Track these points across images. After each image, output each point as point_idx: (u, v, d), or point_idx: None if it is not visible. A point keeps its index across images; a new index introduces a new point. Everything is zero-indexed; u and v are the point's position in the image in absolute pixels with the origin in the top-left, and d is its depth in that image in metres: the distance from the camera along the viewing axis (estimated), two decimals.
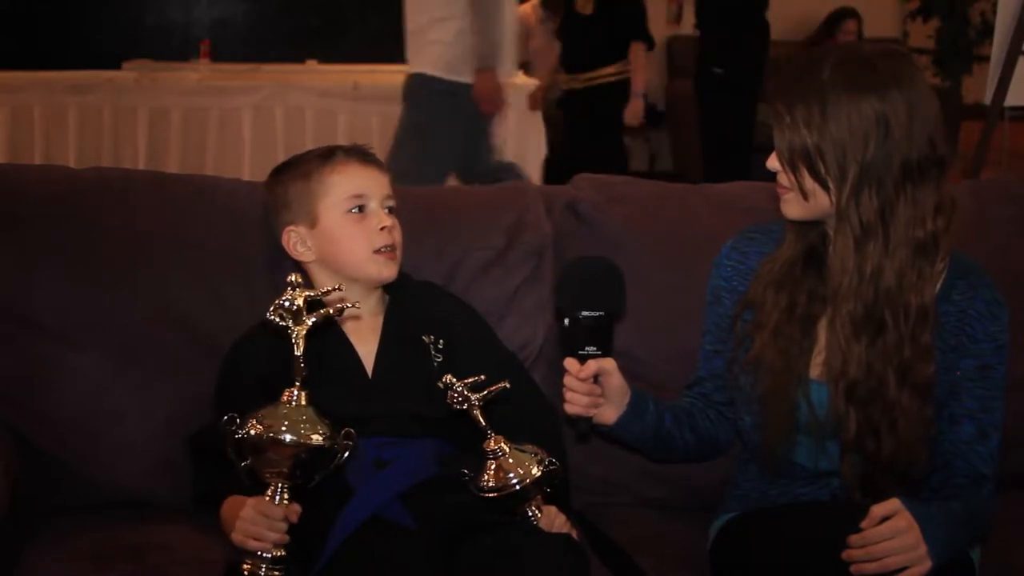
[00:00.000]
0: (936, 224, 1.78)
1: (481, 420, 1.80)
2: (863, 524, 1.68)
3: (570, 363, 1.85)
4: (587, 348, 1.84)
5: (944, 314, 1.84)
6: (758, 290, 1.91)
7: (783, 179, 1.83)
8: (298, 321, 1.67)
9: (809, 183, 1.79)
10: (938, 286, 1.84)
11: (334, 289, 1.73)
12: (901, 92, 1.75)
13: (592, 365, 1.84)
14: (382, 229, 1.99)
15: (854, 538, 1.68)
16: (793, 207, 1.84)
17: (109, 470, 2.04)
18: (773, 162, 1.83)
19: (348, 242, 1.99)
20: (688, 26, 6.00)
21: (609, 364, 1.86)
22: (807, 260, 1.88)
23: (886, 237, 1.77)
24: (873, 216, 1.77)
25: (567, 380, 1.86)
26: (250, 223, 2.14)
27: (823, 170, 1.77)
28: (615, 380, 1.88)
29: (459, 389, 1.79)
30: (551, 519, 1.82)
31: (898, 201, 1.76)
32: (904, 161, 1.75)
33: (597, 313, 1.84)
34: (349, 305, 1.70)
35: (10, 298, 2.06)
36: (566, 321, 1.86)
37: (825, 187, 1.78)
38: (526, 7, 7.04)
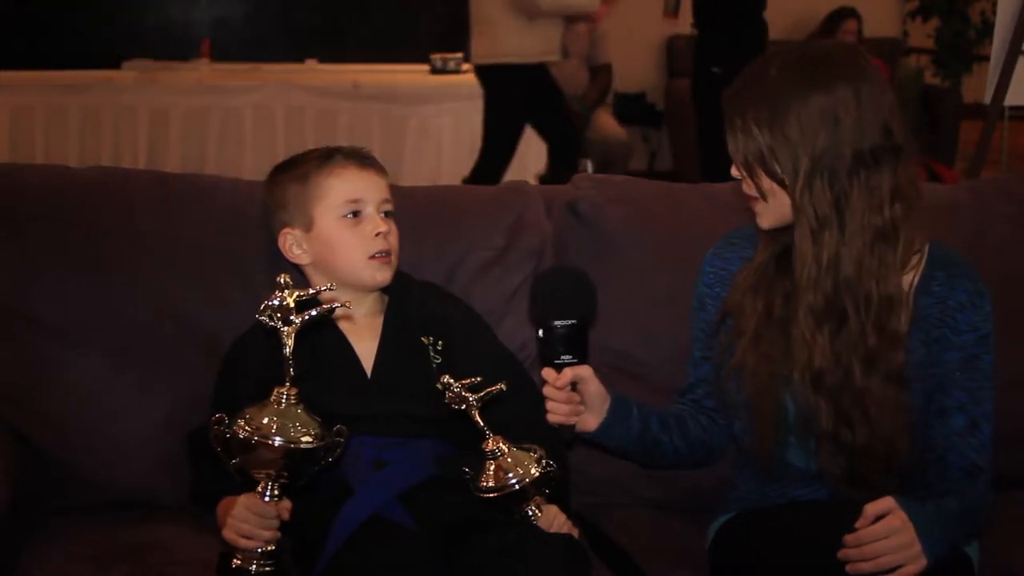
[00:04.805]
0: (894, 210, 1.78)
1: (479, 421, 1.80)
2: (857, 524, 1.68)
3: (547, 373, 1.86)
4: (563, 357, 1.86)
5: (924, 306, 1.84)
6: (735, 297, 1.92)
7: (746, 187, 1.84)
8: (287, 321, 1.66)
9: (767, 183, 1.80)
10: (916, 278, 1.84)
11: (325, 289, 1.71)
12: (849, 85, 1.76)
13: (568, 373, 1.85)
14: (377, 235, 1.99)
15: (849, 538, 1.68)
16: (765, 217, 1.85)
17: (109, 470, 2.04)
18: (735, 171, 1.84)
19: (343, 247, 1.99)
20: (687, 25, 5.95)
21: (585, 371, 1.87)
22: (780, 263, 1.89)
23: (841, 226, 1.78)
24: (827, 207, 1.77)
25: (546, 390, 1.86)
26: (250, 223, 2.14)
27: (778, 169, 1.78)
28: (592, 387, 1.88)
29: (456, 390, 1.80)
30: (551, 519, 1.82)
31: (852, 189, 1.77)
32: (856, 152, 1.76)
33: (570, 322, 1.85)
34: (339, 305, 1.69)
35: (10, 297, 2.06)
36: (540, 332, 1.87)
37: (783, 185, 1.79)
38: None
